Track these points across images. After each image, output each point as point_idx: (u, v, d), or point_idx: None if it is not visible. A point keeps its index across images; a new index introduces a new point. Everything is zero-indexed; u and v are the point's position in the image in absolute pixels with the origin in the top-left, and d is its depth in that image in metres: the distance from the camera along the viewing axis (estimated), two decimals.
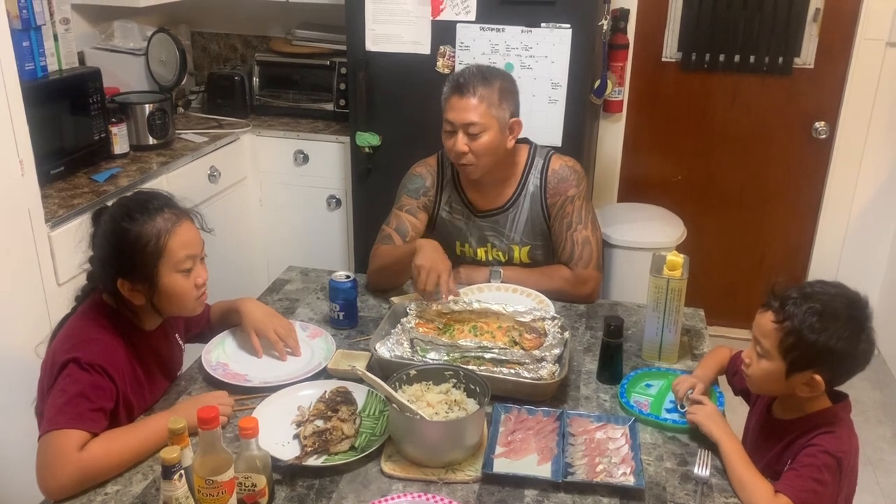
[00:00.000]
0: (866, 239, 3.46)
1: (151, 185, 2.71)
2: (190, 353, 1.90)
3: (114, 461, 1.44)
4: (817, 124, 3.37)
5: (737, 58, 3.32)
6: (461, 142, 2.05)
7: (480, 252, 2.27)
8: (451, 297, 1.95)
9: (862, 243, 3.47)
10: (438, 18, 2.72)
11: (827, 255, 3.53)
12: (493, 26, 2.68)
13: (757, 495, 1.40)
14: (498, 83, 2.07)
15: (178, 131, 3.11)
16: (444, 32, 2.73)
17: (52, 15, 2.59)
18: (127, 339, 1.63)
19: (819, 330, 1.42)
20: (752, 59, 3.31)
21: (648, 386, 1.76)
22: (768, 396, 1.63)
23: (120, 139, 2.82)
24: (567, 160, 2.22)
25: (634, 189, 3.63)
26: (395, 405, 1.49)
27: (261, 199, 3.36)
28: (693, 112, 3.49)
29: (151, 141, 2.93)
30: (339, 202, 3.27)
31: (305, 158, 3.25)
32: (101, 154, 2.76)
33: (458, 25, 2.71)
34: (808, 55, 3.28)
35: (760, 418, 1.64)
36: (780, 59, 3.29)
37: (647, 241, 3.11)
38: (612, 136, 3.57)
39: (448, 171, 2.26)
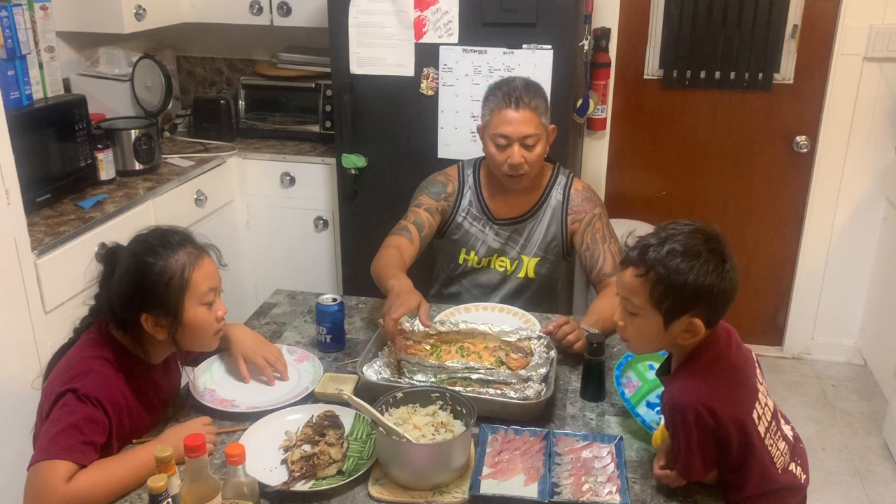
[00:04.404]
0: (850, 250, 3.50)
1: (138, 210, 2.71)
2: None
3: (101, 493, 1.44)
4: (798, 138, 3.42)
5: (717, 74, 3.37)
6: (518, 154, 2.11)
7: (484, 262, 2.31)
8: (437, 319, 1.98)
9: (846, 254, 3.51)
10: (421, 41, 2.75)
11: (811, 268, 3.56)
12: (475, 48, 2.71)
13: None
14: (542, 92, 2.17)
15: (164, 156, 3.12)
16: (427, 55, 2.76)
17: (37, 44, 2.61)
18: (129, 373, 1.63)
19: (686, 271, 1.36)
20: (732, 75, 3.35)
21: (651, 367, 1.75)
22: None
23: (106, 165, 2.82)
24: (586, 184, 2.33)
25: (619, 205, 3.66)
26: (381, 428, 1.50)
27: (248, 221, 3.37)
28: (675, 128, 3.53)
29: (138, 166, 2.94)
30: (326, 223, 3.28)
31: (292, 180, 3.26)
32: (88, 180, 2.77)
33: (441, 48, 2.74)
34: (787, 71, 3.33)
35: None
36: (760, 75, 3.33)
37: None
38: (596, 154, 3.60)
39: (469, 178, 2.31)
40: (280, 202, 3.30)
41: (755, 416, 1.43)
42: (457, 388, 1.70)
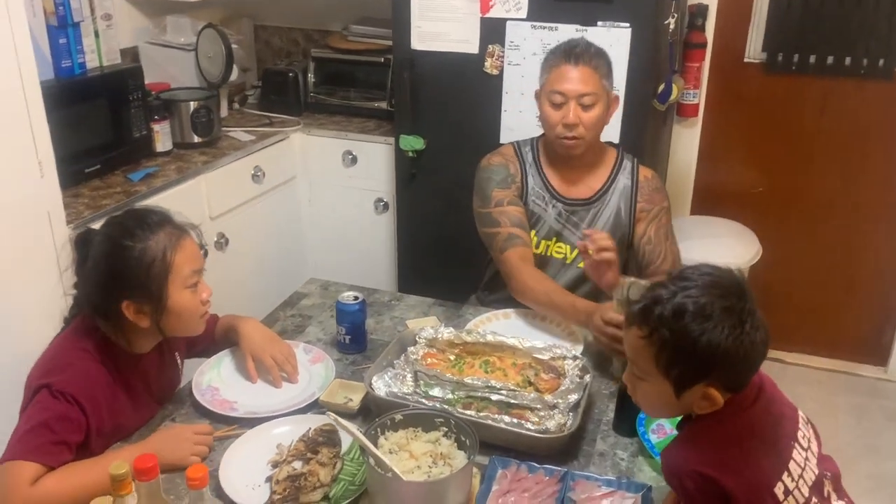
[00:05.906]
0: None
1: (188, 185, 2.64)
2: (191, 367, 1.80)
3: (66, 499, 1.35)
4: None
5: (830, 59, 2.98)
6: (574, 112, 1.95)
7: (542, 245, 2.12)
8: (466, 328, 1.81)
9: None
10: (487, 15, 2.53)
11: None
12: (545, 24, 2.48)
13: None
14: (606, 56, 2.03)
15: (225, 129, 3.04)
16: (493, 30, 2.55)
17: (93, 11, 2.55)
18: (112, 364, 1.54)
19: (696, 334, 1.12)
20: (847, 60, 2.96)
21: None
22: None
23: (162, 137, 2.76)
24: (654, 173, 2.16)
25: (709, 200, 3.34)
26: (370, 458, 1.33)
27: (310, 200, 3.27)
28: (778, 119, 3.16)
29: (196, 139, 2.86)
30: (386, 206, 3.13)
31: (354, 160, 3.13)
32: (142, 152, 2.71)
33: (509, 23, 2.52)
34: None
35: None
36: (881, 62, 2.92)
37: (715, 261, 2.82)
38: (686, 142, 3.29)
39: (528, 155, 2.13)
40: (341, 181, 3.17)
41: (780, 489, 1.14)
42: (470, 412, 1.52)
